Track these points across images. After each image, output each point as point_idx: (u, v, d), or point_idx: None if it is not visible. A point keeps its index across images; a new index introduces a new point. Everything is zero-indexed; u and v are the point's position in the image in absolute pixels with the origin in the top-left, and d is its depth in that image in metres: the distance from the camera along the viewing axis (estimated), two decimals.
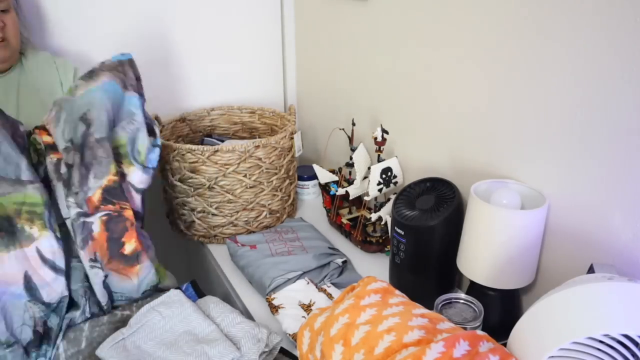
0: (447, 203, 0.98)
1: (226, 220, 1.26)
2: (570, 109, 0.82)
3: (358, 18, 1.29)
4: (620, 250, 0.80)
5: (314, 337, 0.77)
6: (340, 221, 1.29)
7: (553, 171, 0.88)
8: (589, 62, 0.78)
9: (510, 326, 0.68)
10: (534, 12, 0.84)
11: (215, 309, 0.94)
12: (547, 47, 0.83)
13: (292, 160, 1.34)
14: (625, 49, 0.73)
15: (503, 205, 0.87)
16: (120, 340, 0.88)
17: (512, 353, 0.64)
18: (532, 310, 0.65)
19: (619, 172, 0.78)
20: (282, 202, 1.33)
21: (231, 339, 0.87)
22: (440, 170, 1.13)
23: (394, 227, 1.01)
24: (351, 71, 1.37)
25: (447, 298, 0.87)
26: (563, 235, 0.89)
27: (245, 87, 1.59)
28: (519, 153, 0.93)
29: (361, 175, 1.23)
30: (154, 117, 1.32)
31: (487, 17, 0.92)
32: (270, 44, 1.59)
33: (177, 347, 0.86)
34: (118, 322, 0.94)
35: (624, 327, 0.56)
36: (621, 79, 0.74)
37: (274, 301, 1.02)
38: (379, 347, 0.66)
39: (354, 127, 1.29)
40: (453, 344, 0.62)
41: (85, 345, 0.90)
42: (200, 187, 1.21)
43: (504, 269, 0.87)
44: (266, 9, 1.53)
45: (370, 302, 0.76)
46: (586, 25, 0.77)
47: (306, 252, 1.15)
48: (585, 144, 0.81)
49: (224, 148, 1.16)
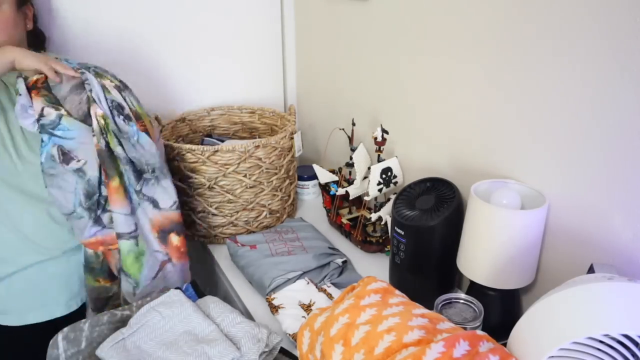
0: (447, 203, 0.98)
1: (226, 220, 1.26)
2: (571, 109, 0.82)
3: (358, 18, 1.28)
4: (620, 250, 0.80)
5: (314, 337, 0.77)
6: (340, 221, 1.29)
7: (553, 171, 0.88)
8: (589, 62, 0.78)
9: (510, 326, 0.68)
10: (534, 12, 0.84)
11: (215, 309, 0.94)
12: (547, 47, 0.83)
13: (292, 160, 1.34)
14: (625, 49, 0.73)
15: (503, 205, 0.87)
16: (120, 340, 0.88)
17: (512, 353, 0.64)
18: (532, 310, 0.65)
19: (619, 172, 0.78)
20: (282, 202, 1.33)
21: (231, 339, 0.87)
22: (440, 170, 1.13)
23: (394, 227, 1.01)
24: (351, 71, 1.37)
25: (447, 298, 0.87)
26: (563, 235, 0.89)
27: (245, 87, 1.59)
28: (519, 153, 0.93)
29: (361, 175, 1.23)
30: (154, 117, 1.32)
31: (487, 18, 0.92)
32: (270, 44, 1.59)
33: (177, 347, 0.86)
34: (118, 322, 0.94)
35: (624, 327, 0.56)
36: (621, 79, 0.74)
37: (274, 301, 1.02)
38: (379, 347, 0.66)
39: (354, 127, 1.29)
40: (453, 344, 0.62)
41: (85, 345, 0.90)
42: (200, 187, 1.21)
43: (504, 269, 0.87)
44: (266, 9, 1.53)
45: (370, 302, 0.76)
46: (586, 26, 0.77)
47: (306, 252, 1.15)
48: (586, 144, 0.81)
49: (224, 148, 1.16)
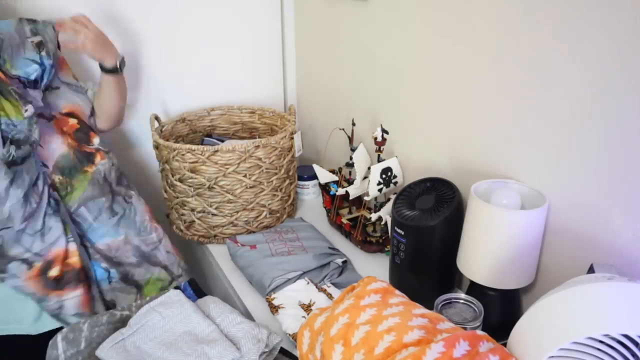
0: (447, 203, 0.98)
1: (226, 220, 1.26)
2: (570, 108, 0.82)
3: (358, 18, 1.28)
4: (620, 250, 0.80)
5: (314, 337, 0.77)
6: (340, 221, 1.29)
7: (553, 171, 0.88)
8: (589, 62, 0.78)
9: (510, 326, 0.68)
10: (535, 13, 0.84)
11: (215, 309, 0.94)
12: (547, 47, 0.83)
13: (292, 160, 1.34)
14: (625, 49, 0.73)
15: (503, 205, 0.87)
16: (120, 341, 0.88)
17: (512, 353, 0.64)
18: (532, 310, 0.65)
19: (619, 172, 0.78)
20: (282, 202, 1.33)
21: (231, 339, 0.87)
22: (440, 170, 1.13)
23: (394, 227, 1.01)
24: (351, 71, 1.37)
25: (447, 298, 0.87)
26: (563, 235, 0.89)
27: (245, 87, 1.59)
28: (519, 153, 0.93)
29: (361, 175, 1.23)
30: (153, 117, 1.32)
31: (487, 18, 0.92)
32: (270, 44, 1.59)
33: (177, 347, 0.86)
34: (117, 322, 0.94)
35: (624, 327, 0.56)
36: (621, 79, 0.74)
37: (274, 301, 1.02)
38: (379, 347, 0.66)
39: (354, 127, 1.29)
40: (453, 344, 0.62)
41: (84, 345, 0.90)
42: (200, 187, 1.21)
43: (504, 269, 0.87)
44: (266, 9, 1.53)
45: (370, 302, 0.76)
46: (586, 26, 0.77)
47: (306, 252, 1.15)
48: (586, 144, 0.81)
49: (224, 148, 1.16)
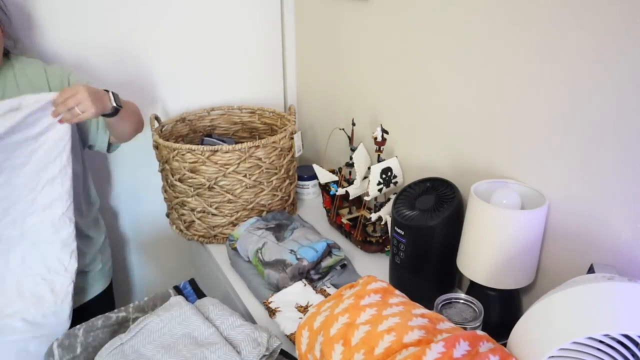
0: (447, 203, 0.98)
1: (226, 220, 1.25)
2: (571, 108, 0.82)
3: (358, 18, 1.28)
4: (621, 250, 0.80)
5: (312, 337, 0.77)
6: (340, 221, 1.29)
7: (553, 171, 0.88)
8: (589, 62, 0.78)
9: (510, 326, 0.68)
10: (535, 12, 0.83)
11: (215, 311, 0.93)
12: (547, 47, 0.83)
13: (292, 160, 1.34)
14: (625, 49, 0.73)
15: (503, 205, 0.87)
16: (118, 346, 0.86)
17: (512, 353, 0.64)
18: (532, 310, 0.65)
19: (619, 173, 0.78)
20: (282, 202, 1.33)
21: (231, 342, 0.86)
22: (440, 170, 1.13)
23: (394, 227, 1.01)
24: (351, 71, 1.37)
25: (447, 298, 0.87)
26: (563, 235, 0.89)
27: (245, 87, 1.59)
28: (519, 153, 0.93)
29: (361, 175, 1.22)
30: (153, 117, 1.32)
31: (487, 18, 0.92)
32: (270, 44, 1.59)
33: (177, 350, 0.85)
34: (113, 325, 0.94)
35: (624, 327, 0.56)
36: (621, 79, 0.74)
37: (271, 304, 1.01)
38: (379, 347, 0.66)
39: (354, 127, 1.29)
40: (453, 344, 0.62)
41: (80, 350, 0.89)
42: (200, 187, 1.21)
43: (504, 269, 0.87)
44: (266, 9, 1.53)
45: (370, 302, 0.76)
46: (587, 26, 0.77)
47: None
48: (586, 144, 0.81)
49: (223, 148, 1.16)
